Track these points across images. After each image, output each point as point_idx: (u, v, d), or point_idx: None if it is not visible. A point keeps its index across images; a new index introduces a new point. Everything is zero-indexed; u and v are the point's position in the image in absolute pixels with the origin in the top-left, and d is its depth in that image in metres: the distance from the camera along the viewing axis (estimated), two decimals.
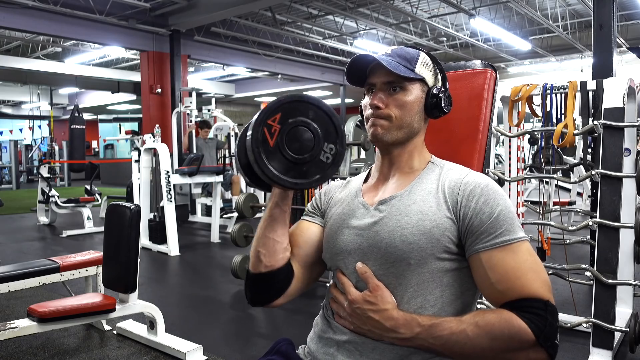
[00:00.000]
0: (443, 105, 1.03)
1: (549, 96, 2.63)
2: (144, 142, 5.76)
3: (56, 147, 12.91)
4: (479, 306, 1.04)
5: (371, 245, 0.97)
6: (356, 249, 0.99)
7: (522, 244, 0.91)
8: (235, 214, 5.83)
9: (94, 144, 20.97)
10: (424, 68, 1.04)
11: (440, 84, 1.06)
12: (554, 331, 0.85)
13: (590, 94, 2.62)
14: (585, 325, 2.34)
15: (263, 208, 3.78)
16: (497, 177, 2.65)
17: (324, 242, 1.07)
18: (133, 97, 15.41)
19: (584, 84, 2.57)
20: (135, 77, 13.08)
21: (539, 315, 0.85)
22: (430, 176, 1.01)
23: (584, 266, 2.39)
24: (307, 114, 0.94)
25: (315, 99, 0.96)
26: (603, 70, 3.98)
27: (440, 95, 1.02)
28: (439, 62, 1.08)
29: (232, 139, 6.83)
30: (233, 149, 6.75)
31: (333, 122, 0.95)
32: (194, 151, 6.54)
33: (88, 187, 7.17)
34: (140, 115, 10.67)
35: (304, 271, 1.07)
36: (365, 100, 1.06)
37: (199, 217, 7.29)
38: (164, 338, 2.61)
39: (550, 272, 2.69)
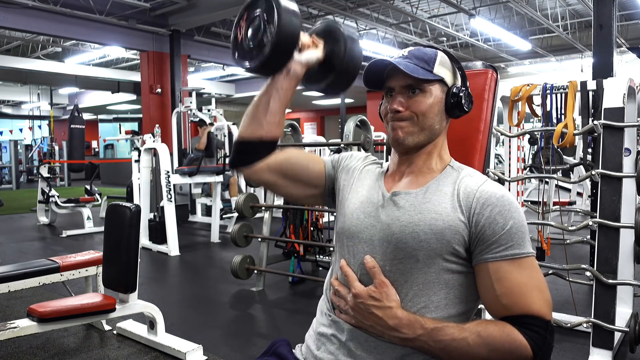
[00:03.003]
0: (464, 104, 1.01)
1: (549, 96, 2.63)
2: (144, 142, 5.76)
3: (56, 147, 12.90)
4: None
5: (382, 239, 0.96)
6: (367, 239, 0.98)
7: (530, 260, 0.91)
8: (235, 214, 5.85)
9: (94, 144, 20.96)
10: (443, 68, 1.02)
11: (459, 82, 1.04)
12: (550, 350, 0.89)
13: (590, 94, 2.62)
14: (585, 325, 2.34)
15: (263, 208, 3.79)
16: (497, 177, 2.65)
17: (340, 213, 1.08)
18: (133, 97, 15.41)
19: (584, 84, 2.57)
20: (135, 77, 13.08)
21: (540, 334, 0.87)
22: (447, 180, 1.00)
23: (584, 266, 2.39)
24: (261, 6, 1.02)
25: None
26: (603, 70, 3.98)
27: (461, 94, 1.01)
28: (457, 61, 1.05)
29: (227, 139, 6.82)
30: (227, 149, 6.76)
31: (275, 5, 0.99)
32: (212, 150, 6.52)
33: (88, 187, 7.17)
34: (140, 115, 10.67)
35: (280, 169, 1.10)
36: (384, 104, 1.04)
37: (199, 217, 7.29)
38: (164, 338, 2.61)
39: (550, 272, 2.69)
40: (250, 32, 1.03)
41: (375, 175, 1.08)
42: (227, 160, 6.31)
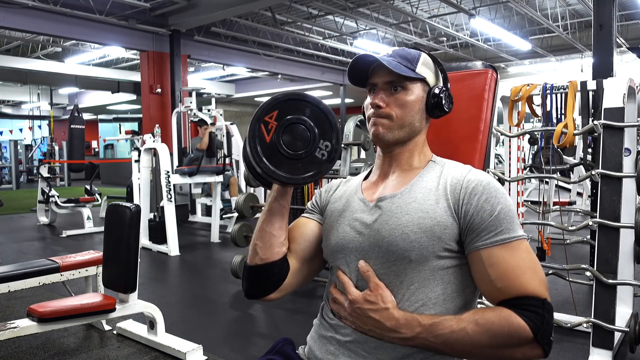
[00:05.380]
0: (444, 104, 1.04)
1: (549, 96, 2.63)
2: (144, 142, 5.76)
3: (56, 147, 12.90)
4: (478, 306, 1.04)
5: (372, 244, 0.97)
6: (357, 248, 0.99)
7: (521, 243, 0.92)
8: (235, 214, 5.84)
9: (94, 144, 20.96)
10: (425, 68, 1.05)
11: (441, 84, 1.07)
12: (550, 329, 0.87)
13: (590, 94, 2.62)
14: (585, 325, 2.35)
15: (263, 208, 3.78)
16: (497, 177, 2.65)
17: (324, 238, 1.08)
18: (133, 97, 15.41)
19: (584, 84, 2.57)
20: (135, 77, 13.08)
21: (537, 313, 0.87)
22: (431, 174, 1.01)
23: (584, 266, 2.40)
24: (303, 111, 0.96)
25: (312, 97, 0.97)
26: (603, 70, 3.98)
27: (441, 95, 1.03)
28: (440, 63, 1.09)
29: (225, 139, 6.83)
30: (226, 149, 6.77)
31: (329, 120, 0.97)
32: (213, 150, 6.53)
33: (88, 187, 7.17)
34: (140, 115, 10.67)
35: (301, 266, 1.07)
36: (367, 100, 1.07)
37: (199, 217, 7.28)
38: (164, 338, 2.61)
39: (550, 272, 2.69)
40: (289, 137, 0.94)
41: (350, 191, 1.09)
42: (227, 160, 6.31)
